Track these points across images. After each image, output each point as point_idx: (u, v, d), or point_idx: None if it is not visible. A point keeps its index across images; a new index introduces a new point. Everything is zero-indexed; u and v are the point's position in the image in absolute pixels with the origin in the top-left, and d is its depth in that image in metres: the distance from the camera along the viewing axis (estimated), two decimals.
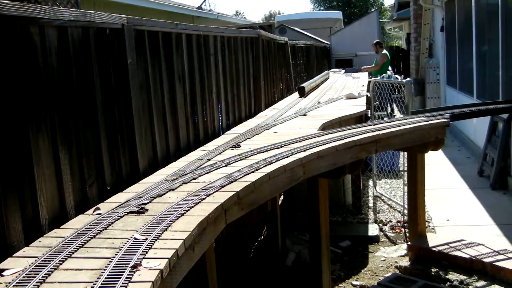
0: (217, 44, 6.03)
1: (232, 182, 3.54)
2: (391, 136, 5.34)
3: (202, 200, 3.17)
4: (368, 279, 6.27)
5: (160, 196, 3.32)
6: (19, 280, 2.20)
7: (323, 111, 7.17)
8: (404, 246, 6.96)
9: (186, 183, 3.58)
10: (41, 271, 2.27)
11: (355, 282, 6.18)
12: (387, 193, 9.32)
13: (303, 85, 9.74)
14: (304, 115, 6.84)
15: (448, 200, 8.73)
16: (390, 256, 6.85)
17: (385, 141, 5.28)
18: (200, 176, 3.76)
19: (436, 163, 10.86)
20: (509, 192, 8.76)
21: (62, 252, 2.47)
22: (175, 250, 2.46)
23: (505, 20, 9.44)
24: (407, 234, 7.06)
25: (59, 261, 2.37)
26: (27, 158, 2.86)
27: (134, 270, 2.25)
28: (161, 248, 2.48)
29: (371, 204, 8.80)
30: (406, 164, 7.15)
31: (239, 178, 3.63)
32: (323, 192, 5.24)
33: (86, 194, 3.40)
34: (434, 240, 6.52)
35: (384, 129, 5.32)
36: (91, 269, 2.30)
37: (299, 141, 4.83)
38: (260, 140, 5.11)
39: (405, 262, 6.39)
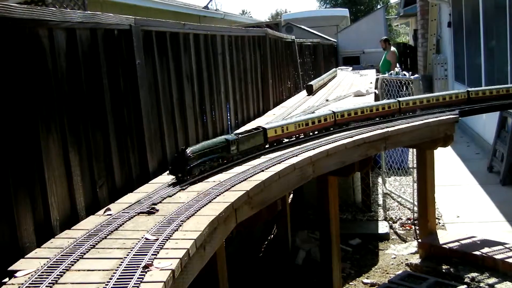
0: (224, 43, 6.03)
1: (242, 181, 3.55)
2: (400, 133, 5.32)
3: (212, 199, 3.18)
4: (379, 277, 6.26)
5: (170, 196, 3.32)
6: (32, 281, 2.21)
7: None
8: (415, 243, 6.94)
9: (196, 183, 3.59)
10: (53, 272, 2.27)
11: (366, 280, 6.17)
12: (397, 190, 9.30)
13: (311, 83, 9.73)
14: (312, 113, 6.82)
15: (458, 196, 8.70)
16: (400, 253, 6.83)
17: (394, 138, 5.27)
18: (210, 175, 3.77)
19: (446, 160, 10.83)
20: None
21: (74, 253, 2.47)
22: (186, 250, 2.46)
23: None
24: (417, 231, 7.04)
25: (71, 262, 2.38)
26: (38, 159, 2.87)
27: (146, 270, 2.26)
28: (172, 248, 2.48)
29: (380, 202, 8.78)
30: (415, 161, 7.12)
31: (249, 177, 3.63)
32: (332, 190, 5.23)
33: (96, 195, 3.41)
34: (444, 237, 6.49)
35: (393, 126, 5.31)
36: (103, 270, 2.30)
37: (308, 139, 4.83)
38: None
39: (416, 260, 6.37)
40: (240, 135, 4.03)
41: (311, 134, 4.81)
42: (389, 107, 5.34)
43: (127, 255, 2.41)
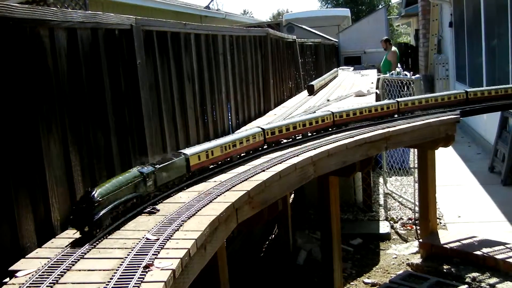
0: (225, 43, 6.03)
1: (243, 181, 3.54)
2: (401, 133, 5.31)
3: (213, 199, 3.18)
4: (380, 276, 6.26)
5: (171, 196, 3.32)
6: (32, 281, 2.20)
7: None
8: (416, 243, 6.94)
9: (197, 183, 3.58)
10: (54, 272, 2.27)
11: (366, 280, 6.17)
12: (398, 190, 9.30)
13: (312, 83, 9.73)
14: (313, 113, 6.82)
15: (459, 196, 8.69)
16: (401, 253, 6.83)
17: (395, 138, 5.27)
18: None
19: (447, 160, 10.82)
20: None
21: (75, 253, 2.47)
22: (187, 250, 2.46)
23: None
24: (418, 231, 7.03)
25: (72, 261, 2.38)
26: (39, 159, 2.87)
27: (147, 270, 2.26)
28: (173, 248, 2.48)
29: (381, 202, 8.78)
30: (416, 161, 7.12)
31: (250, 177, 3.63)
32: (333, 190, 5.23)
33: None
34: (445, 237, 6.49)
35: (394, 126, 5.30)
36: (104, 270, 2.30)
37: (309, 140, 4.83)
38: None
39: (417, 260, 6.37)
40: (157, 166, 3.21)
41: (238, 156, 4.12)
42: (322, 120, 4.98)
43: (128, 255, 2.41)
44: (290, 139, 4.70)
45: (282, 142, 4.61)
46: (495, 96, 6.17)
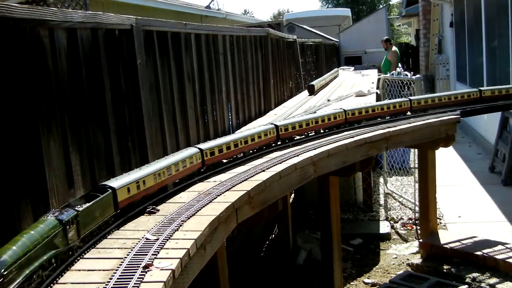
0: (226, 43, 6.03)
1: (243, 181, 3.54)
2: (402, 133, 5.31)
3: (213, 199, 3.18)
4: (380, 276, 6.26)
5: (171, 196, 3.32)
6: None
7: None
8: (416, 243, 6.94)
9: (197, 183, 3.58)
10: (53, 273, 2.27)
11: (367, 280, 6.17)
12: (398, 190, 9.29)
13: (313, 83, 9.72)
14: (314, 113, 6.82)
15: (460, 196, 8.69)
16: (401, 253, 6.83)
17: (395, 138, 5.27)
18: (211, 175, 3.76)
19: (447, 160, 10.82)
20: None
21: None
22: (186, 250, 2.46)
23: None
24: (419, 231, 7.03)
25: (71, 261, 2.38)
26: (38, 160, 2.87)
27: (146, 270, 2.26)
28: (172, 248, 2.48)
29: (382, 202, 8.78)
30: (417, 161, 7.12)
31: (250, 177, 3.63)
32: (333, 190, 5.23)
33: None
34: (446, 237, 6.49)
35: (394, 126, 5.30)
36: (103, 270, 2.30)
37: (309, 140, 4.82)
38: None
39: (417, 260, 6.37)
40: (78, 207, 2.48)
41: (173, 184, 3.45)
42: (265, 134, 4.39)
43: (128, 255, 2.41)
44: (231, 159, 4.11)
45: (223, 162, 4.01)
46: (438, 104, 6.12)
